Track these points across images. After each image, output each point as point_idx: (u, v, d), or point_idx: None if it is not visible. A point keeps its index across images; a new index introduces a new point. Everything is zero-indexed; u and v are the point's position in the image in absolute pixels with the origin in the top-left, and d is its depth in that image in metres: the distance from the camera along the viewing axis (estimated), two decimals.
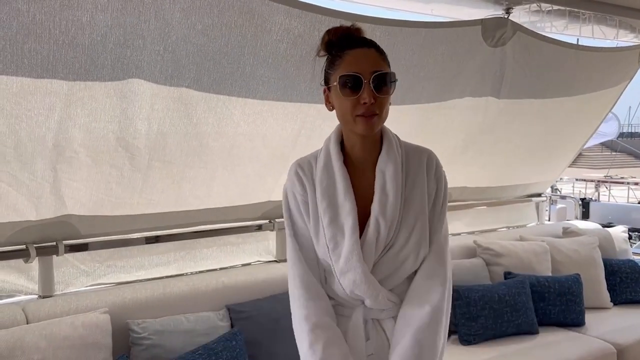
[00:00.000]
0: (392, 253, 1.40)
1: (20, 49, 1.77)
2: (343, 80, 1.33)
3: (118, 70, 1.98)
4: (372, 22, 2.42)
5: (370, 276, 1.37)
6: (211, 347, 2.11)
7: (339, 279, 1.40)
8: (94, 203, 2.29)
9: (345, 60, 1.35)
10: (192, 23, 2.01)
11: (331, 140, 1.45)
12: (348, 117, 1.36)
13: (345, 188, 1.39)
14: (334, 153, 1.42)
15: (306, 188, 1.43)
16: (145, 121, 2.16)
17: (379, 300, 1.39)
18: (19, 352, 1.80)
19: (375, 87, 1.32)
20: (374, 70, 1.33)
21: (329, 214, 1.39)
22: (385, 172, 1.40)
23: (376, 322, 1.44)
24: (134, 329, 2.13)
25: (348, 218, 1.37)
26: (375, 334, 1.43)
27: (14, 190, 2.06)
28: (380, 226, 1.37)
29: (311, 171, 1.44)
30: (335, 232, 1.38)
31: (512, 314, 2.89)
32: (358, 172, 1.43)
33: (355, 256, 1.36)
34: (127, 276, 2.55)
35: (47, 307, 2.10)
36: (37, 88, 1.87)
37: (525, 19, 3.22)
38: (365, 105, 1.32)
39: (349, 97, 1.33)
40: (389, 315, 1.43)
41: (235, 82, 2.25)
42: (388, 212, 1.38)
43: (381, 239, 1.38)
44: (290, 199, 1.47)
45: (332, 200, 1.40)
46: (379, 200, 1.38)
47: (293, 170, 1.46)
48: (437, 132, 3.14)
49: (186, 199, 2.51)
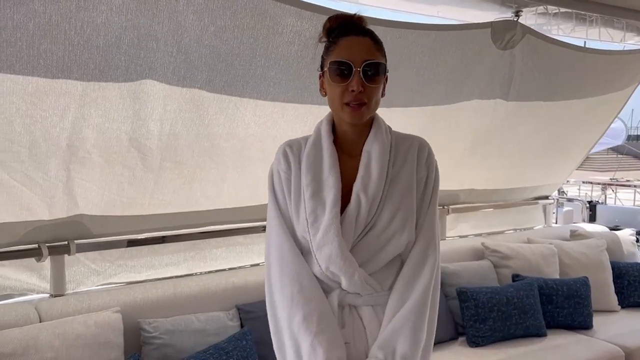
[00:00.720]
0: (373, 234, 1.37)
1: (37, 50, 1.79)
2: (334, 67, 1.33)
3: (131, 72, 2.00)
4: (383, 24, 2.43)
5: (346, 252, 1.34)
6: (222, 346, 2.12)
7: (315, 254, 1.37)
8: (105, 203, 2.31)
9: (339, 47, 1.35)
10: (205, 25, 2.03)
11: (323, 122, 1.45)
12: (337, 104, 1.35)
13: (331, 164, 1.39)
14: (324, 132, 1.42)
15: (291, 166, 1.42)
16: (157, 122, 2.17)
17: (354, 280, 1.35)
18: (32, 350, 1.82)
19: (365, 76, 1.31)
20: (365, 58, 1.32)
21: (312, 187, 1.38)
22: (372, 152, 1.40)
23: (353, 309, 1.39)
24: (145, 328, 2.14)
25: (330, 192, 1.36)
26: (352, 322, 1.39)
27: (28, 190, 2.08)
28: (362, 202, 1.36)
29: (299, 150, 1.44)
30: (315, 206, 1.37)
31: (520, 316, 2.89)
32: (346, 154, 1.42)
33: (333, 229, 1.33)
34: (138, 276, 2.57)
35: (60, 305, 2.12)
36: (52, 88, 1.89)
37: (532, 21, 3.22)
38: (354, 93, 1.31)
39: (338, 83, 1.33)
40: (366, 302, 1.38)
41: (247, 83, 2.27)
42: (370, 189, 1.36)
43: (362, 216, 1.36)
44: (275, 178, 1.45)
45: (316, 175, 1.39)
46: (362, 177, 1.38)
47: (281, 149, 1.46)
48: (446, 134, 3.15)
49: (197, 200, 2.53)
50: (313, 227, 1.36)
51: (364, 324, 1.38)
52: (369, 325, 1.38)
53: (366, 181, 1.37)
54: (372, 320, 1.38)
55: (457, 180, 3.54)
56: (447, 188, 3.55)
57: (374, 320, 1.38)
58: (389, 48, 2.60)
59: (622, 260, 3.73)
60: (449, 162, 3.34)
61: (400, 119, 2.87)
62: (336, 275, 1.37)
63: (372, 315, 1.38)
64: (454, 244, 3.45)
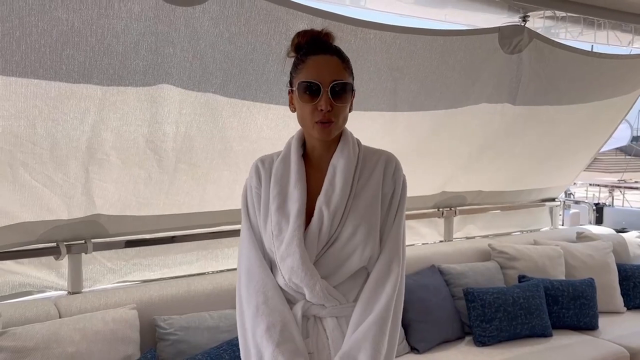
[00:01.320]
0: (336, 247, 1.39)
1: (59, 56, 1.86)
2: (303, 86, 1.36)
3: (149, 76, 2.07)
4: (392, 30, 2.49)
5: (308, 263, 1.36)
6: (235, 343, 2.19)
7: (279, 265, 1.40)
8: (122, 203, 2.38)
9: (307, 66, 1.38)
10: (219, 31, 2.09)
11: (294, 138, 1.49)
12: (307, 122, 1.39)
13: (298, 178, 1.42)
14: (293, 148, 1.46)
15: (262, 181, 1.47)
16: (173, 125, 2.24)
17: (316, 291, 1.37)
18: (54, 345, 1.89)
19: (333, 96, 1.35)
20: (333, 79, 1.35)
21: (277, 200, 1.42)
22: (337, 167, 1.43)
23: (317, 320, 1.42)
24: (160, 324, 2.21)
25: (294, 205, 1.40)
26: (316, 333, 1.41)
27: (49, 190, 2.16)
28: (324, 216, 1.38)
29: (271, 165, 1.48)
30: (280, 219, 1.40)
31: (526, 317, 2.94)
32: (314, 169, 1.46)
33: (295, 241, 1.36)
34: (152, 274, 2.64)
35: (78, 302, 2.19)
36: (73, 93, 1.96)
37: (539, 24, 3.26)
38: (322, 112, 1.35)
39: (307, 103, 1.36)
40: (330, 313, 1.41)
41: (260, 88, 2.33)
42: (332, 203, 1.39)
43: (324, 229, 1.38)
44: (248, 192, 1.51)
45: (283, 189, 1.43)
46: (325, 191, 1.41)
47: (254, 164, 1.51)
48: (454, 137, 3.20)
49: (209, 201, 2.59)
50: (277, 239, 1.40)
51: (327, 335, 1.41)
52: (332, 336, 1.40)
53: (329, 195, 1.40)
54: (336, 331, 1.41)
55: (464, 182, 3.59)
56: (455, 190, 3.60)
57: (338, 331, 1.41)
58: (397, 52, 2.66)
59: (628, 262, 3.77)
60: (457, 165, 3.39)
61: (409, 122, 2.92)
62: (299, 286, 1.40)
63: (335, 326, 1.41)
64: (461, 245, 3.50)
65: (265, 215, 1.44)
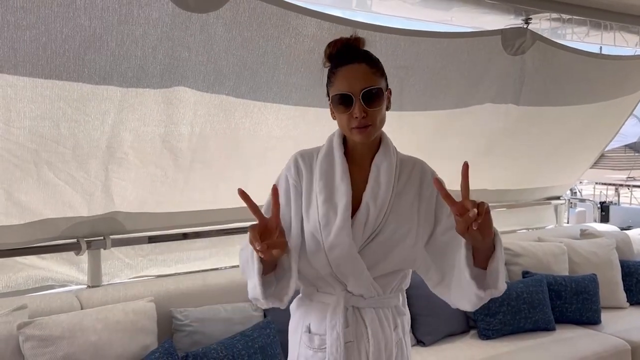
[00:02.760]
0: (379, 240, 1.46)
1: (82, 60, 1.97)
2: (336, 99, 1.43)
3: (166, 79, 2.17)
4: (397, 32, 2.57)
5: (355, 253, 1.43)
6: (247, 334, 2.29)
7: (327, 254, 1.45)
8: (139, 201, 2.49)
9: (338, 78, 1.44)
10: (233, 36, 2.19)
11: (335, 135, 1.55)
12: (345, 129, 1.46)
13: (343, 172, 1.49)
14: (336, 145, 1.52)
15: (301, 174, 1.52)
16: (188, 125, 2.34)
17: (362, 279, 1.45)
18: (79, 333, 2.00)
19: (366, 102, 1.40)
20: (363, 87, 1.40)
21: (324, 193, 1.47)
22: (380, 167, 1.50)
23: (356, 311, 1.49)
24: (176, 316, 2.31)
25: (342, 198, 1.46)
26: (355, 322, 1.48)
27: (71, 188, 2.27)
28: (370, 210, 1.45)
29: (311, 161, 1.53)
30: (328, 210, 1.46)
31: (530, 311, 3.01)
32: (356, 165, 1.52)
33: (345, 231, 1.43)
34: (168, 269, 2.74)
35: (99, 295, 2.30)
36: (94, 95, 2.07)
37: (546, 25, 3.31)
38: (358, 119, 1.41)
39: (342, 113, 1.43)
40: (369, 304, 1.49)
41: (271, 89, 2.43)
42: (379, 199, 1.46)
43: (370, 222, 1.45)
44: (282, 181, 1.54)
45: (328, 182, 1.49)
46: (372, 188, 1.48)
47: (293, 158, 1.56)
48: (459, 136, 3.28)
49: (222, 198, 2.69)
50: (325, 229, 1.45)
51: (366, 325, 1.48)
52: (371, 326, 1.48)
53: (375, 191, 1.48)
54: (374, 322, 1.49)
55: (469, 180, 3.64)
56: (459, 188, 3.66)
57: (376, 321, 1.49)
58: (402, 54, 2.73)
59: (632, 259, 3.82)
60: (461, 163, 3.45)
61: (415, 122, 3.01)
62: (345, 275, 1.47)
63: (374, 317, 1.49)
64: None
65: (308, 205, 1.50)
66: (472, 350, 2.81)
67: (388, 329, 1.51)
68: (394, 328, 1.53)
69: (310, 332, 1.52)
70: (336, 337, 1.46)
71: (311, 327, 1.52)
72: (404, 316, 1.59)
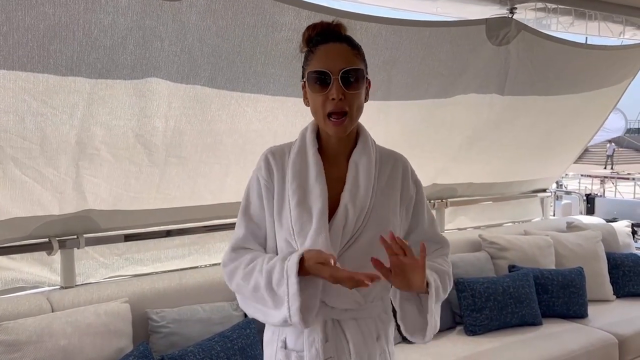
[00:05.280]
0: (359, 244, 1.36)
1: (47, 50, 1.87)
2: (313, 76, 1.32)
3: (137, 70, 2.08)
4: (378, 21, 2.50)
5: None
6: (227, 335, 2.21)
7: None
8: (113, 198, 2.39)
9: (316, 56, 1.34)
10: (207, 25, 2.11)
11: (308, 130, 1.44)
12: (319, 115, 1.35)
13: (317, 172, 1.38)
14: (309, 140, 1.41)
15: (272, 174, 1.41)
16: (162, 119, 2.25)
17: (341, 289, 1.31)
18: (47, 338, 1.91)
19: (344, 83, 1.30)
20: (343, 66, 1.31)
21: (297, 195, 1.36)
22: (359, 164, 1.40)
23: (336, 323, 1.38)
24: (152, 317, 2.23)
25: (317, 201, 1.35)
26: (335, 336, 1.37)
27: (39, 186, 2.17)
28: (349, 213, 1.35)
29: (283, 158, 1.42)
30: (301, 214, 1.35)
31: (516, 306, 2.97)
32: (330, 162, 1.41)
33: (322, 238, 1.31)
34: (144, 269, 2.65)
35: (71, 296, 2.20)
36: (61, 87, 1.97)
37: (531, 15, 3.27)
38: (334, 102, 1.30)
39: (318, 93, 1.32)
40: (350, 316, 1.38)
41: (248, 80, 2.34)
42: (358, 201, 1.36)
43: (348, 226, 1.35)
44: (253, 182, 1.44)
45: (302, 183, 1.38)
46: (350, 190, 1.37)
47: (264, 156, 1.44)
48: (443, 128, 3.22)
49: (201, 194, 2.61)
50: (300, 235, 1.34)
51: (347, 339, 1.38)
52: (353, 340, 1.37)
53: (354, 192, 1.37)
54: (356, 335, 1.38)
55: (455, 174, 3.62)
56: (445, 182, 3.62)
57: (358, 334, 1.38)
58: (384, 44, 2.67)
59: (617, 251, 3.80)
60: (448, 157, 3.42)
61: (398, 112, 2.94)
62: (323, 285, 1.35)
63: (356, 329, 1.38)
64: (452, 236, 3.52)
65: (280, 208, 1.39)
66: (457, 347, 2.76)
67: (370, 341, 1.40)
68: (377, 339, 1.42)
69: (286, 348, 1.40)
70: (315, 354, 1.35)
71: (287, 342, 1.41)
72: (388, 324, 1.47)
